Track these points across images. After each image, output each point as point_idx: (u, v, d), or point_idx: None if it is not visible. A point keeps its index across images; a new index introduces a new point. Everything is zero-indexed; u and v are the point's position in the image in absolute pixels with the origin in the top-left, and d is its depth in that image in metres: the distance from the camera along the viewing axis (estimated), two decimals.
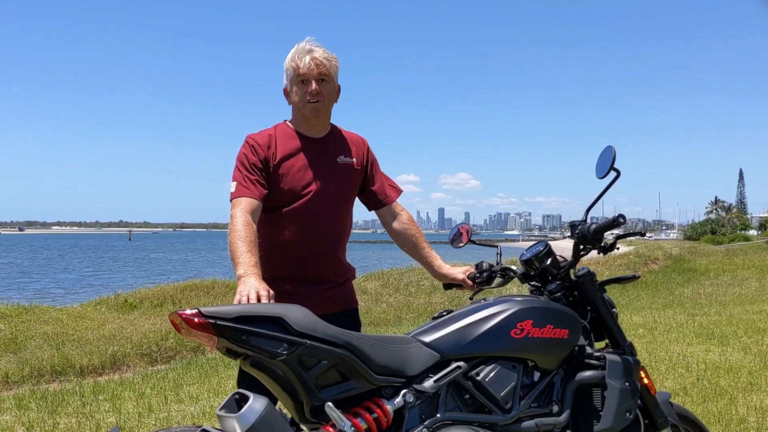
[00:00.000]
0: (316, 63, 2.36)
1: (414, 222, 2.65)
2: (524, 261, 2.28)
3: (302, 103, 2.39)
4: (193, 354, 8.03)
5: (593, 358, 2.13)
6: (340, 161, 2.49)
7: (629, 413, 2.07)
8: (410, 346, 1.94)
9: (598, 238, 2.14)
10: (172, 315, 1.69)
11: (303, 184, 2.39)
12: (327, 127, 2.52)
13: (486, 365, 1.97)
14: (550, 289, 2.23)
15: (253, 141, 2.40)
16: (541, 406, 2.04)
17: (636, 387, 2.11)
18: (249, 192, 2.30)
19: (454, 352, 1.95)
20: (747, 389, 4.86)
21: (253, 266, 2.08)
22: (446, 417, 1.89)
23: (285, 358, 1.70)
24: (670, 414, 2.31)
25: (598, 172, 2.15)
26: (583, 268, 2.23)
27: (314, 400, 1.76)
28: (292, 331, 1.71)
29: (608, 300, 2.26)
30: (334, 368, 1.78)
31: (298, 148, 2.44)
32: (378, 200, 2.61)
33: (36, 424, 4.57)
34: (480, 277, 2.46)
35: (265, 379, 1.80)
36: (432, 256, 2.61)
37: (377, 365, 1.82)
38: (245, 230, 2.18)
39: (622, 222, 2.06)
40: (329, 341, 1.75)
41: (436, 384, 1.89)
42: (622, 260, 19.11)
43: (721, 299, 12.08)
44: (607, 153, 2.12)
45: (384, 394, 1.85)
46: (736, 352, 6.38)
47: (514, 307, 2.03)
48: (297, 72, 2.37)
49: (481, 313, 2.02)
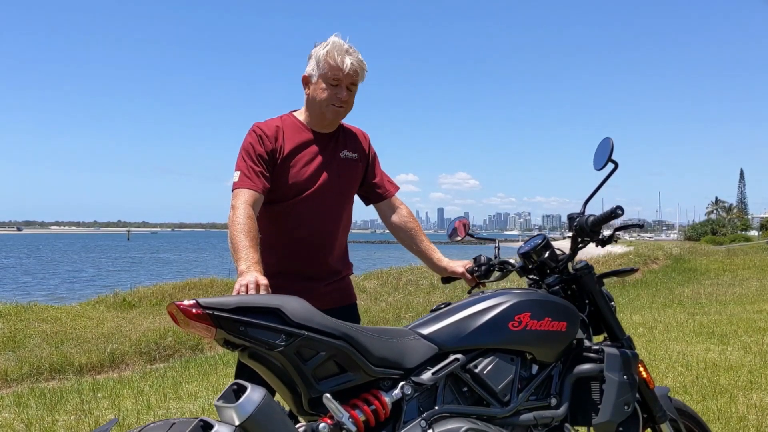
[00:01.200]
0: (354, 70, 2.31)
1: (413, 216, 2.64)
2: (522, 254, 2.27)
3: (327, 103, 2.34)
4: (192, 352, 8.02)
5: (592, 351, 2.13)
6: (344, 156, 2.46)
7: (627, 406, 2.06)
8: (408, 338, 1.93)
9: (596, 231, 2.13)
10: (170, 306, 1.68)
11: (307, 178, 2.37)
12: (336, 126, 2.49)
13: (484, 358, 1.96)
14: (548, 282, 2.22)
15: (261, 131, 2.35)
16: (539, 399, 2.04)
17: (634, 380, 2.10)
18: (252, 184, 2.26)
19: (452, 345, 1.94)
20: (747, 387, 4.85)
21: (255, 263, 2.06)
22: (444, 409, 1.88)
23: (283, 349, 1.69)
24: (668, 408, 2.30)
25: (595, 164, 2.14)
26: (581, 262, 2.22)
27: (312, 392, 1.75)
28: (290, 322, 1.70)
29: (606, 293, 2.25)
30: (332, 360, 1.77)
31: (306, 141, 2.40)
32: (378, 194, 2.60)
33: (35, 421, 4.56)
34: (478, 270, 2.45)
35: (263, 371, 1.79)
36: (431, 249, 2.60)
37: (375, 357, 1.82)
38: (248, 223, 2.14)
39: (620, 213, 2.06)
40: (327, 332, 1.74)
41: (434, 376, 1.88)
42: (622, 260, 19.11)
43: (721, 299, 12.07)
44: (605, 145, 2.11)
45: (382, 386, 1.84)
46: (737, 351, 6.37)
47: (512, 300, 2.02)
48: (333, 71, 2.30)
49: (479, 306, 2.01)
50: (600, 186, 2.15)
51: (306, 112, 2.46)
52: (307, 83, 2.40)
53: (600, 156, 2.12)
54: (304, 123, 2.45)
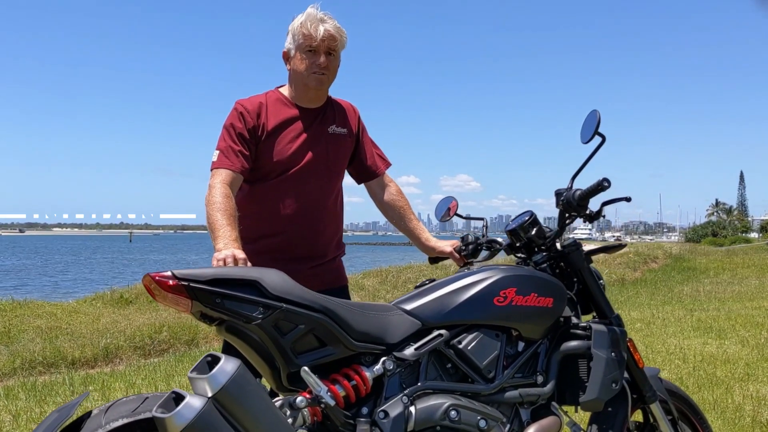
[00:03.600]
0: (329, 35, 2.27)
1: (402, 194, 2.58)
2: (509, 231, 2.23)
3: (307, 72, 2.30)
4: (187, 347, 7.97)
5: (579, 329, 2.08)
6: (332, 131, 2.41)
7: (615, 384, 2.02)
8: (391, 313, 1.89)
9: (583, 205, 2.08)
10: (145, 278, 1.64)
11: (292, 155, 2.31)
12: (323, 99, 2.44)
13: (468, 333, 1.92)
14: (536, 260, 2.18)
15: (243, 108, 2.31)
16: (525, 376, 1.99)
17: (622, 357, 2.06)
18: (230, 163, 2.22)
19: (436, 320, 1.90)
20: (743, 379, 4.81)
21: (233, 240, 2.02)
22: (427, 386, 1.84)
23: (260, 322, 1.65)
24: (659, 389, 2.25)
25: (582, 137, 2.09)
26: (569, 238, 2.18)
27: (291, 367, 1.70)
28: (268, 294, 1.66)
29: (595, 271, 2.20)
30: (311, 333, 1.72)
31: (291, 117, 2.35)
32: (368, 172, 2.55)
33: (23, 413, 4.51)
34: (466, 249, 2.41)
35: (242, 346, 1.75)
36: (420, 228, 2.56)
37: (356, 331, 1.77)
38: (225, 202, 2.11)
39: (606, 186, 2.01)
40: (306, 305, 1.70)
41: (417, 352, 1.83)
42: (621, 259, 19.04)
43: (720, 296, 12.01)
44: (592, 117, 2.06)
45: (363, 361, 1.80)
46: (734, 344, 6.32)
47: (498, 275, 1.98)
48: (307, 40, 2.27)
49: (463, 281, 1.97)
50: (588, 160, 2.10)
51: (290, 87, 2.41)
52: (287, 58, 2.37)
53: (587, 129, 2.08)
54: (289, 98, 2.40)
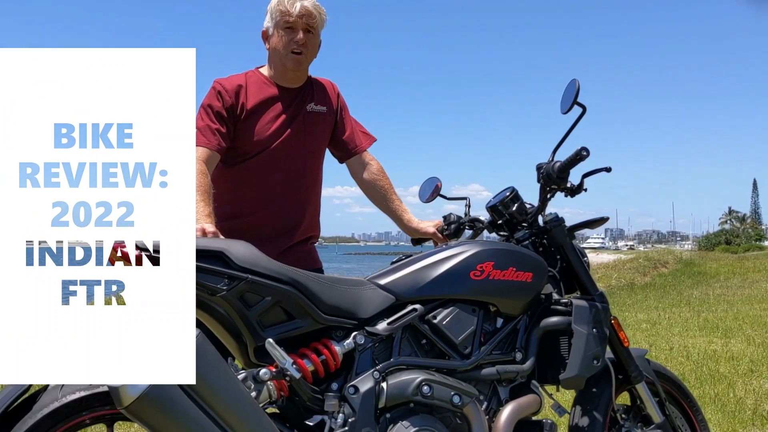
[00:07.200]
0: (306, 11, 2.25)
1: (384, 173, 2.53)
2: (490, 208, 2.18)
3: (285, 51, 2.27)
4: None
5: (560, 305, 2.02)
6: (310, 109, 2.38)
7: (597, 361, 1.95)
8: (364, 287, 1.84)
9: (563, 177, 2.03)
10: None
11: (271, 134, 2.28)
12: (303, 79, 2.41)
13: (444, 308, 1.86)
14: (518, 237, 2.13)
15: (221, 87, 2.28)
16: (503, 353, 1.93)
17: (604, 334, 1.99)
18: (206, 141, 2.20)
19: (410, 295, 1.85)
20: (747, 375, 4.71)
21: (206, 216, 2.00)
22: (401, 361, 1.79)
23: (225, 294, 1.60)
24: (645, 370, 2.18)
25: (562, 107, 2.04)
26: (551, 213, 2.12)
27: (257, 340, 1.66)
28: (233, 265, 1.62)
29: (578, 248, 2.15)
30: (279, 306, 1.68)
31: (270, 97, 2.32)
32: (348, 150, 2.50)
33: None
34: (448, 229, 2.36)
35: (208, 320, 1.70)
36: (401, 209, 2.51)
37: (326, 305, 1.73)
38: (199, 178, 2.07)
39: (585, 155, 1.95)
40: (273, 277, 1.66)
41: (390, 327, 1.78)
42: (631, 264, 18.89)
43: (729, 299, 11.84)
44: (571, 87, 2.01)
45: (334, 336, 1.76)
46: (739, 343, 6.20)
47: (475, 249, 1.93)
48: (284, 16, 2.25)
49: (439, 255, 1.92)
50: (569, 132, 2.05)
51: (269, 67, 2.39)
52: (266, 37, 2.35)
53: (566, 99, 2.02)
54: (269, 78, 2.37)
